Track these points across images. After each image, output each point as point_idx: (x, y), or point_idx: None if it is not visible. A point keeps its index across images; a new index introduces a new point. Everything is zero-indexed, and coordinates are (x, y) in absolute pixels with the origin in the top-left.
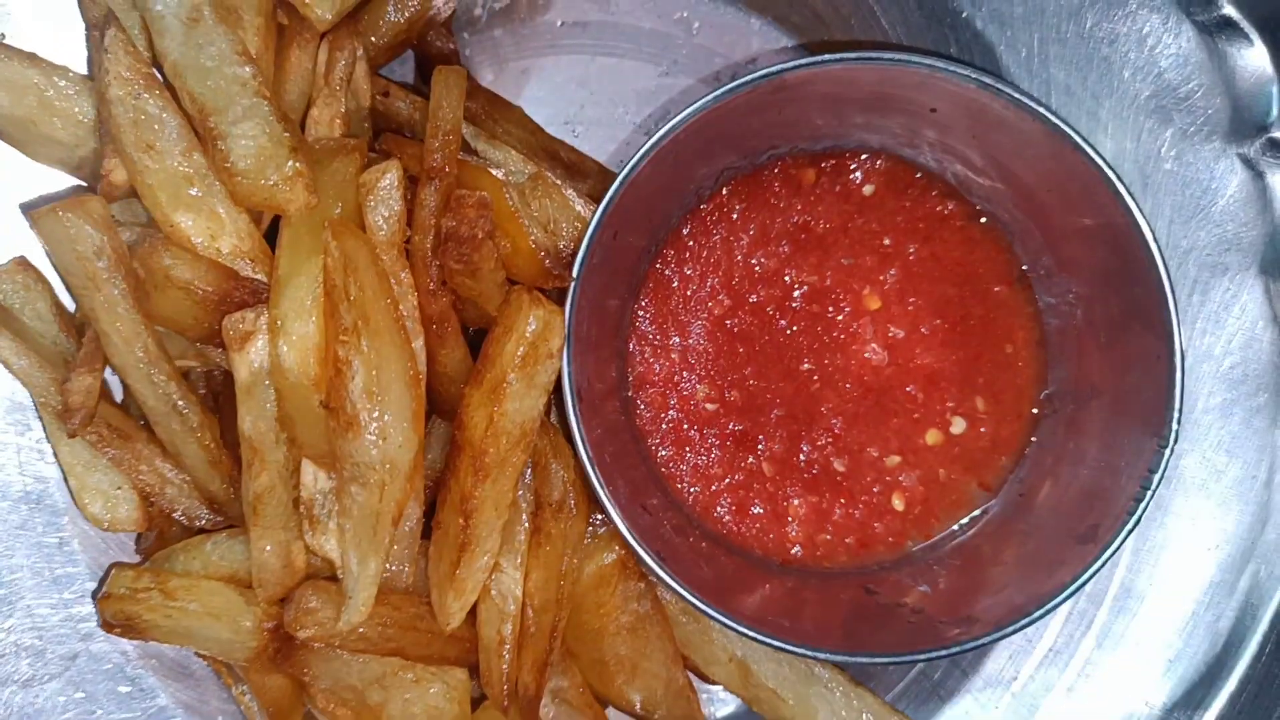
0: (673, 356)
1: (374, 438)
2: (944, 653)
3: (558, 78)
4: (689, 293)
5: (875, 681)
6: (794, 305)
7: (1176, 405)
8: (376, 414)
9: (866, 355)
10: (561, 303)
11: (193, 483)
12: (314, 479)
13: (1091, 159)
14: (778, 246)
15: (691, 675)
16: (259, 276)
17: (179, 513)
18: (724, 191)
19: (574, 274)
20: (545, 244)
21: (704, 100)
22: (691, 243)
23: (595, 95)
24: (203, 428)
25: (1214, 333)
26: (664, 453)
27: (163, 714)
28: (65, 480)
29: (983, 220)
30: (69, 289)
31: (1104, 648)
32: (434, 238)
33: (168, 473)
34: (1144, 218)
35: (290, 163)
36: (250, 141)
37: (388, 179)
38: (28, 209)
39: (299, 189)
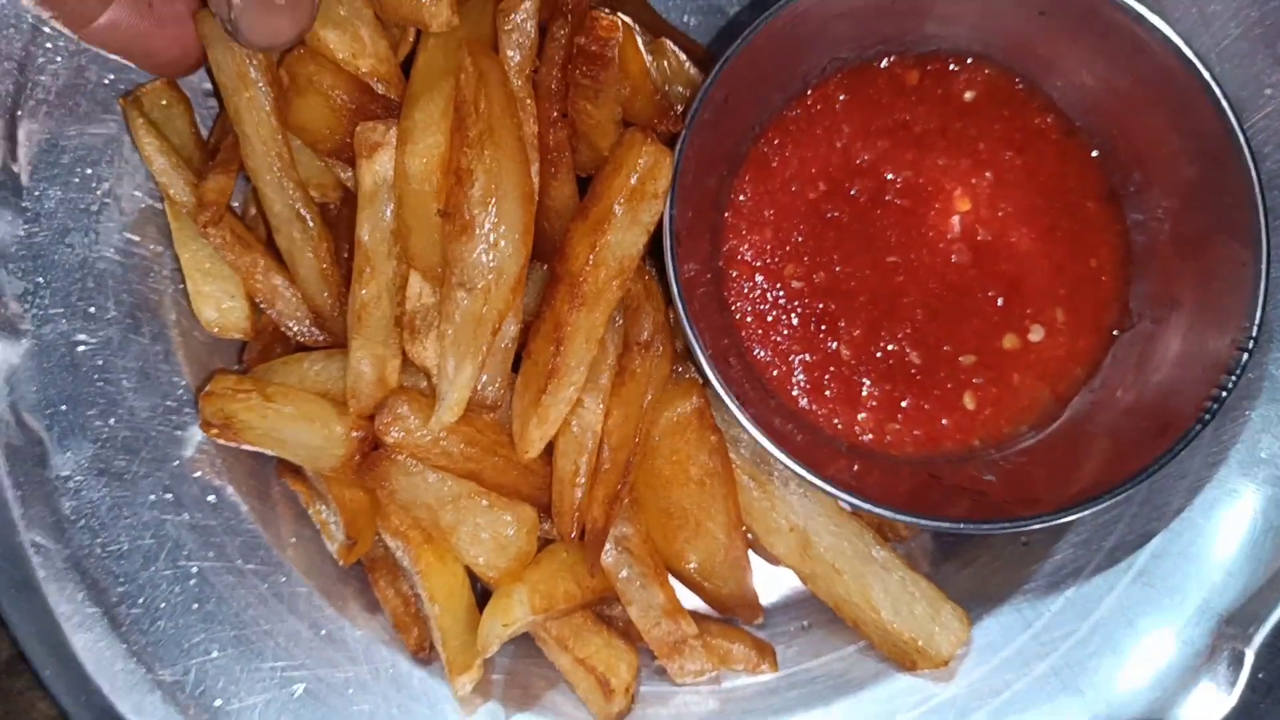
0: (766, 233)
1: (486, 244)
2: (1007, 526)
3: None
4: (788, 174)
5: (929, 577)
6: (887, 199)
7: (1259, 307)
8: (491, 221)
9: (952, 256)
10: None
11: (302, 296)
12: (419, 293)
13: (1194, 67)
14: (877, 141)
15: (749, 556)
16: (392, 96)
17: (286, 324)
18: (830, 83)
19: (686, 122)
20: (662, 89)
21: None
22: (794, 127)
23: None
24: (320, 239)
25: None
26: (747, 326)
27: (242, 526)
28: (184, 287)
29: (1078, 135)
30: (217, 90)
31: (1163, 556)
32: (561, 71)
33: (280, 286)
34: (1240, 126)
35: None
36: None
37: (525, 7)
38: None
39: (443, 5)
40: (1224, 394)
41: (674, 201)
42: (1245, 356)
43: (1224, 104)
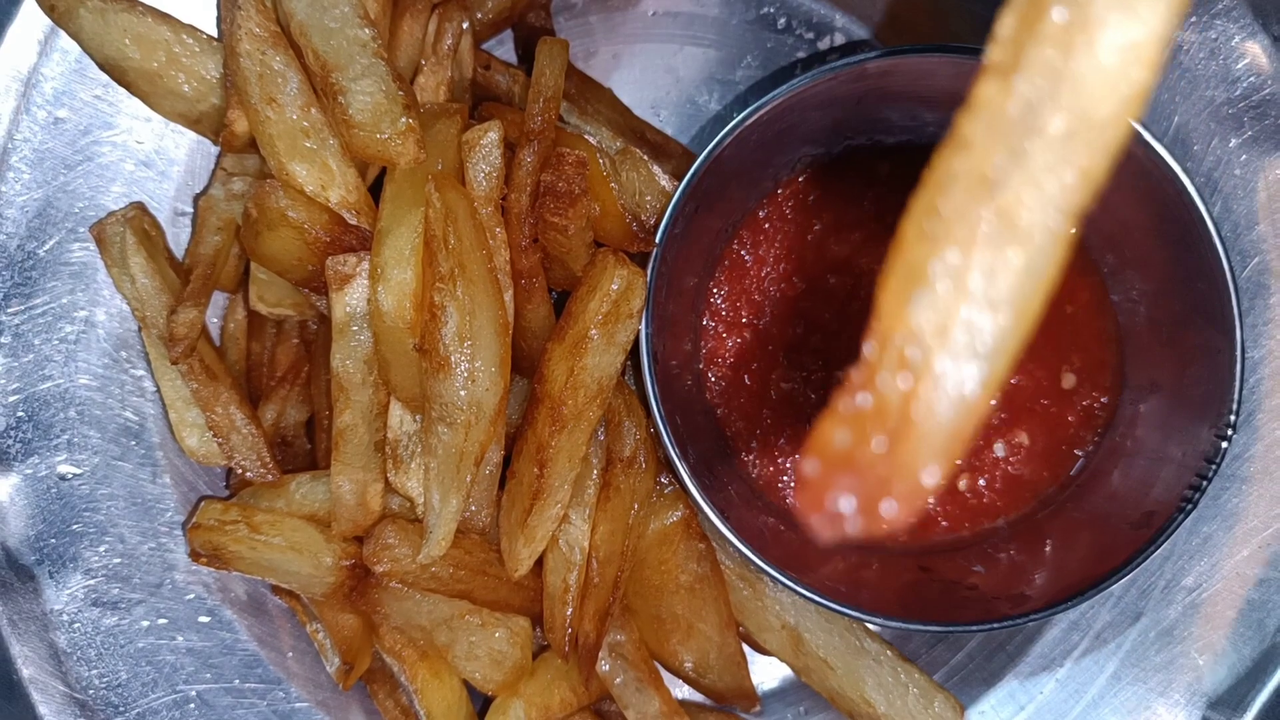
0: (745, 335)
1: (463, 380)
2: (995, 625)
3: (646, 64)
4: (763, 274)
5: (922, 662)
6: (864, 293)
7: (1236, 397)
8: (467, 357)
9: None
10: (644, 269)
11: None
12: (400, 421)
13: (1160, 158)
14: (849, 234)
15: (744, 646)
16: (364, 225)
17: (238, 461)
18: (800, 178)
19: (656, 240)
20: (632, 209)
21: (787, 85)
22: (767, 225)
23: (681, 82)
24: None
25: (1275, 335)
26: (732, 427)
27: (238, 645)
28: (165, 414)
29: None
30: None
31: (1151, 637)
32: (530, 196)
33: (239, 421)
34: (1210, 215)
35: (404, 118)
36: (368, 97)
37: (490, 136)
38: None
39: (410, 143)
40: (1205, 483)
41: (649, 319)
42: (1225, 445)
43: (1192, 192)
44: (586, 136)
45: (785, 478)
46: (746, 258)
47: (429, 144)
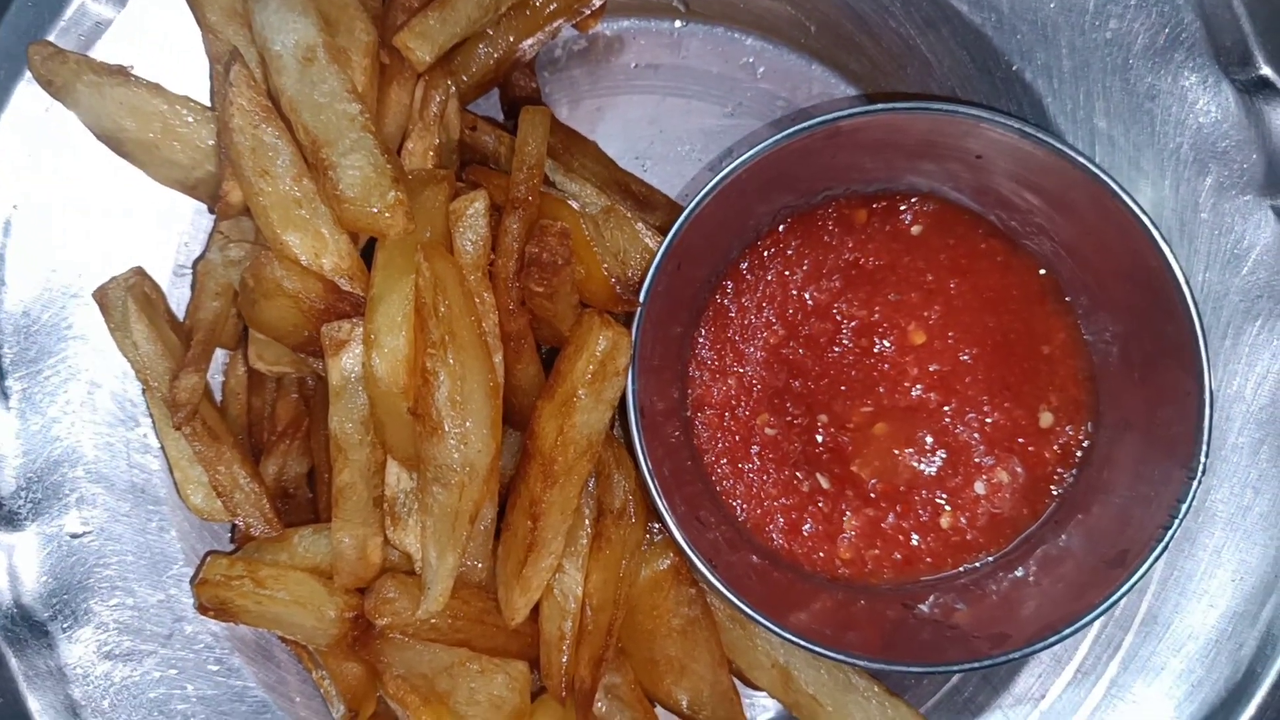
0: (729, 382)
1: (456, 442)
2: (977, 665)
3: (630, 115)
4: (746, 322)
5: (909, 694)
6: (844, 338)
7: (1205, 438)
8: (459, 421)
9: (914, 389)
10: (629, 326)
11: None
12: (397, 479)
13: (1129, 206)
14: (829, 281)
15: (736, 680)
16: (357, 291)
17: (244, 519)
18: (781, 229)
19: (640, 300)
20: (616, 271)
21: (764, 144)
22: (749, 276)
23: (664, 133)
24: None
25: (1244, 375)
26: (719, 472)
27: (247, 692)
28: (170, 473)
29: (1022, 255)
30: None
31: (1129, 670)
32: (517, 262)
33: (242, 479)
34: (1177, 262)
35: (392, 192)
36: (357, 172)
37: (476, 207)
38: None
39: (399, 216)
40: (1176, 523)
41: (635, 374)
42: (1195, 485)
43: (1159, 239)
44: (570, 201)
45: (773, 519)
46: (730, 307)
47: (417, 211)
